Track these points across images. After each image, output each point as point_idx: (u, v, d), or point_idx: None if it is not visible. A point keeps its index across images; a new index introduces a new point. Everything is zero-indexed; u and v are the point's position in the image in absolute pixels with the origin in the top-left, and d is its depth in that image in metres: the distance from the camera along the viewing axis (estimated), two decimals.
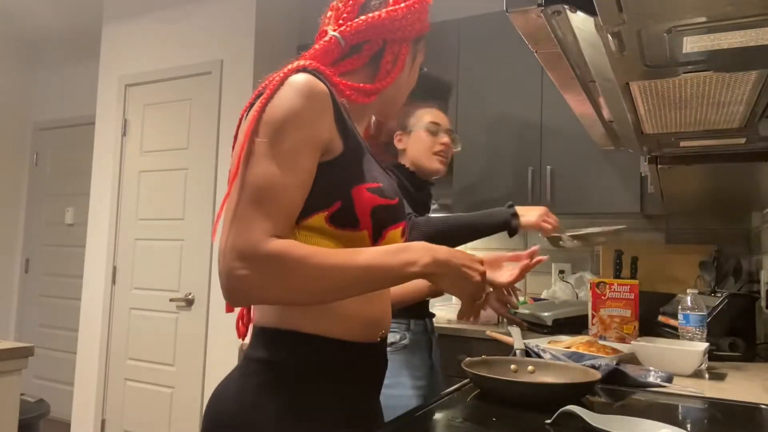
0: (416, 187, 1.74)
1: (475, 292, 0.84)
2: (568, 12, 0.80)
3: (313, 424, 0.81)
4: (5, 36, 4.36)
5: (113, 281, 3.37)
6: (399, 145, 1.77)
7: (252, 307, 0.94)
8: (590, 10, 0.77)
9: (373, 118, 1.14)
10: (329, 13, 0.97)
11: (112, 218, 3.41)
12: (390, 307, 0.98)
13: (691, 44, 0.82)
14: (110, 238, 3.40)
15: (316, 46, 0.92)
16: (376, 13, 0.92)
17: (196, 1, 3.21)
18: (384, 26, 0.92)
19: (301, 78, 0.81)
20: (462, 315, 0.91)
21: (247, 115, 0.84)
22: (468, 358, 1.16)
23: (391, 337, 1.61)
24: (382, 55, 0.94)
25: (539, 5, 0.80)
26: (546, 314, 2.24)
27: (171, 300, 3.11)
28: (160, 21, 3.35)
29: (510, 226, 1.57)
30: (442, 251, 0.82)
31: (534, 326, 2.25)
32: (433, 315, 1.79)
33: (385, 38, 0.94)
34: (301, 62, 0.85)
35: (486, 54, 2.64)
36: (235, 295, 0.75)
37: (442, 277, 0.82)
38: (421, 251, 0.80)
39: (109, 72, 3.53)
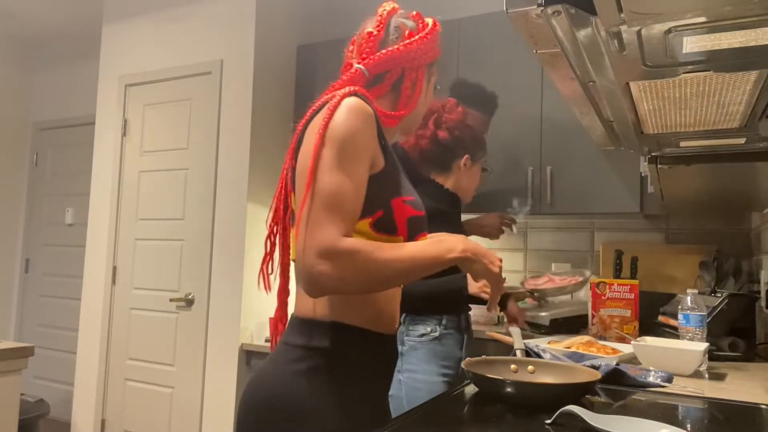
0: (453, 207, 1.88)
1: (500, 276, 1.00)
2: (568, 12, 0.80)
3: (354, 402, 0.95)
4: (5, 36, 4.36)
5: (113, 281, 3.37)
6: (461, 167, 1.85)
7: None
8: (590, 10, 0.77)
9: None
10: (351, 47, 1.12)
11: (112, 218, 3.41)
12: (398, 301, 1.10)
13: (691, 44, 0.82)
14: (110, 238, 3.40)
15: (344, 77, 1.06)
16: (395, 47, 1.07)
17: (196, 1, 3.21)
18: (402, 57, 1.08)
19: (355, 100, 0.95)
20: (491, 303, 1.06)
21: (303, 129, 0.98)
22: (468, 358, 1.17)
23: (423, 329, 1.73)
24: (402, 82, 1.09)
25: (539, 5, 0.80)
26: (543, 314, 2.24)
27: (171, 300, 3.11)
28: (160, 21, 3.35)
29: (463, 295, 1.72)
30: (468, 241, 0.97)
31: (532, 326, 2.25)
32: (469, 310, 1.87)
33: (403, 67, 1.08)
34: (352, 87, 0.98)
35: (486, 54, 2.64)
36: (317, 287, 0.87)
37: (473, 263, 0.96)
38: (456, 241, 0.96)
39: (109, 72, 3.53)
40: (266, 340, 2.92)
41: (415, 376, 1.67)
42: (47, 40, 4.48)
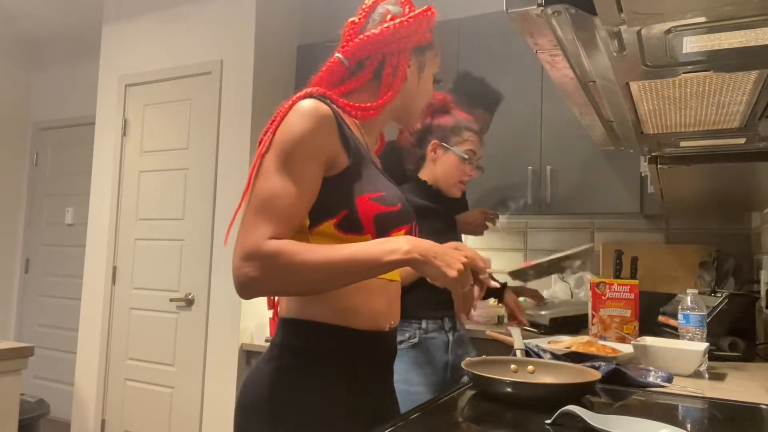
0: (439, 203, 1.75)
1: (458, 280, 0.87)
2: (568, 12, 0.80)
3: (333, 401, 0.94)
4: (5, 36, 4.36)
5: (113, 281, 3.37)
6: (431, 155, 1.74)
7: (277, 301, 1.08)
8: (590, 10, 0.77)
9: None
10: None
11: (112, 218, 3.41)
12: (398, 301, 1.07)
13: (691, 44, 0.82)
14: (110, 238, 3.40)
15: (322, 69, 1.04)
16: (373, 31, 1.04)
17: (196, 1, 3.21)
18: (379, 41, 1.03)
19: (306, 103, 0.93)
20: (457, 310, 0.91)
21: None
22: (468, 358, 1.16)
23: (400, 336, 1.62)
24: (383, 68, 1.05)
25: (539, 5, 0.80)
26: (543, 313, 2.24)
27: (171, 300, 3.11)
28: (160, 21, 3.34)
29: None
30: (421, 241, 0.89)
31: (531, 325, 2.25)
32: (453, 314, 1.74)
33: (383, 52, 1.04)
34: (308, 89, 0.97)
35: (486, 54, 2.64)
36: (243, 290, 0.86)
37: (424, 264, 0.87)
38: (402, 240, 0.88)
39: (109, 72, 3.53)
40: (266, 340, 2.93)
41: (398, 387, 1.50)
42: (47, 40, 4.48)
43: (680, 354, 1.41)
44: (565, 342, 1.65)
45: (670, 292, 2.20)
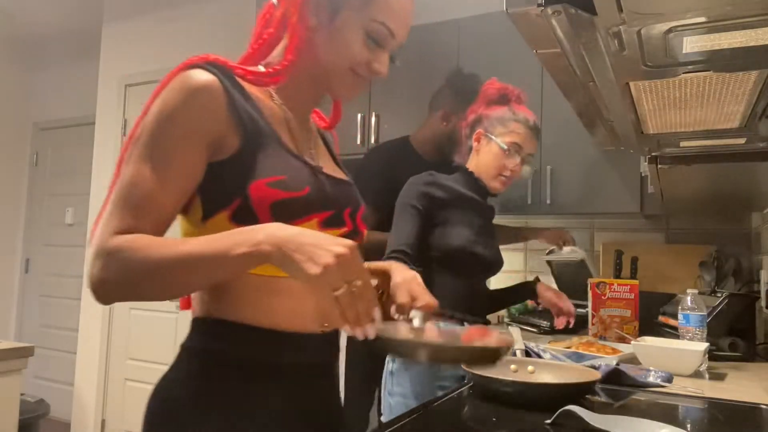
0: (479, 195, 1.69)
1: (323, 279, 0.66)
2: (568, 12, 0.80)
3: (227, 409, 0.80)
4: (5, 36, 4.36)
5: None
6: (474, 145, 1.69)
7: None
8: (590, 10, 0.77)
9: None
10: None
11: None
12: None
13: (691, 44, 0.82)
14: None
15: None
16: None
17: (196, 1, 3.21)
18: None
19: (185, 74, 0.79)
20: (334, 319, 0.68)
21: None
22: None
23: None
24: (286, 25, 0.87)
25: (539, 5, 0.80)
26: (576, 250, 2.26)
27: (171, 300, 3.10)
28: (160, 21, 3.34)
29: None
30: (284, 229, 0.70)
31: (531, 326, 2.25)
32: (488, 322, 1.70)
33: (286, 5, 0.87)
34: (195, 57, 0.83)
35: (486, 54, 2.63)
36: (94, 293, 0.74)
37: (283, 260, 0.68)
38: (255, 231, 0.71)
39: (109, 72, 3.53)
40: None
41: (407, 402, 1.42)
42: (47, 40, 4.47)
43: (680, 354, 1.41)
44: (565, 342, 1.65)
45: (670, 292, 2.20)
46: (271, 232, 0.70)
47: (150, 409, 0.83)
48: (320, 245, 0.67)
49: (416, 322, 0.89)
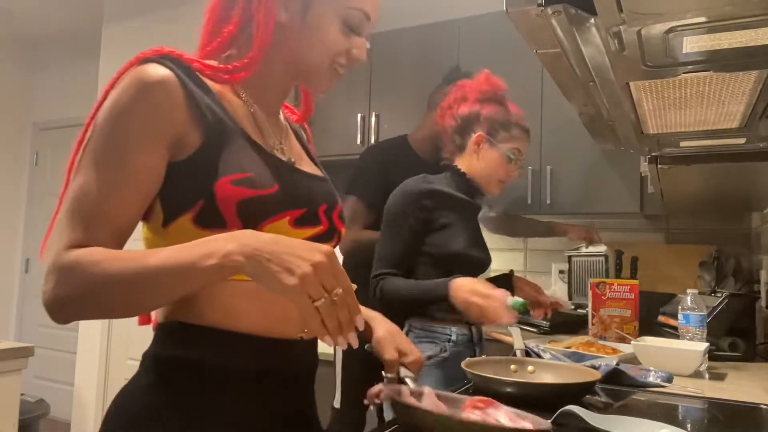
0: (473, 198, 1.65)
1: (300, 289, 0.61)
2: (568, 12, 0.80)
3: (195, 422, 0.74)
4: (5, 36, 4.36)
5: None
6: (473, 147, 1.61)
7: None
8: (590, 10, 0.77)
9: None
10: None
11: None
12: None
13: (691, 44, 0.82)
14: None
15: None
16: None
17: (196, 1, 3.21)
18: None
19: (137, 70, 0.73)
20: (312, 330, 0.63)
21: None
22: (468, 358, 1.16)
23: (430, 350, 1.47)
24: (251, 15, 0.81)
25: (539, 5, 0.80)
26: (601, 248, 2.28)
27: None
28: (160, 21, 3.34)
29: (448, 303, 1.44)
30: (257, 237, 0.65)
31: (531, 326, 2.25)
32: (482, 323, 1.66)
33: None
34: (148, 50, 0.76)
35: (486, 54, 2.63)
36: (50, 311, 0.68)
37: (256, 271, 0.63)
38: (225, 239, 0.65)
39: (109, 72, 3.51)
40: None
41: None
42: (47, 40, 4.47)
43: (680, 354, 1.41)
44: (565, 342, 1.65)
45: (670, 292, 2.20)
46: (242, 240, 0.64)
47: (107, 421, 0.77)
48: (296, 254, 0.63)
49: (410, 383, 0.87)
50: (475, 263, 1.60)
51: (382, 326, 0.96)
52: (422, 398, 0.79)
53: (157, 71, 0.73)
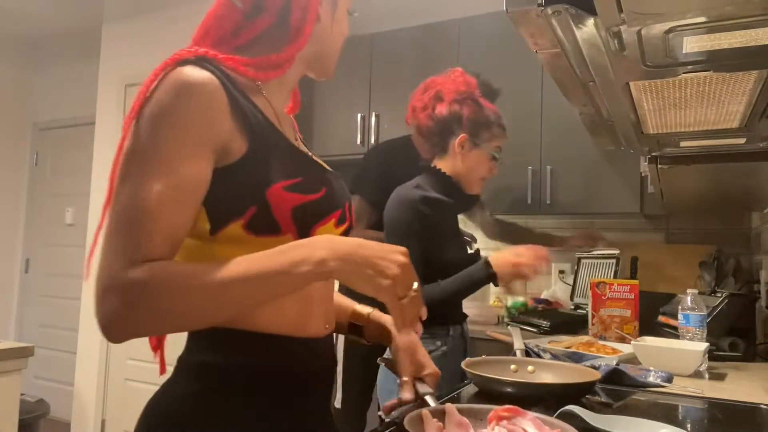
0: (455, 198, 1.65)
1: (394, 289, 0.68)
2: (568, 12, 0.80)
3: (232, 423, 0.75)
4: (5, 36, 4.36)
5: None
6: (456, 149, 1.61)
7: None
8: (590, 10, 0.77)
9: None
10: None
11: None
12: (332, 300, 0.90)
13: (691, 44, 0.82)
14: None
15: (207, 16, 0.87)
16: None
17: (196, 1, 3.21)
18: None
19: (178, 74, 0.71)
20: (397, 325, 0.71)
21: None
22: (468, 358, 1.16)
23: (430, 345, 1.50)
24: (290, 9, 0.82)
25: (539, 5, 0.80)
26: (614, 252, 2.28)
27: None
28: (160, 21, 3.34)
29: (493, 279, 1.49)
30: (344, 243, 0.69)
31: (531, 326, 2.25)
32: (467, 317, 1.70)
33: None
34: (185, 50, 0.75)
35: (486, 54, 2.64)
36: (108, 332, 0.66)
37: (349, 275, 0.67)
38: (315, 246, 0.68)
39: (109, 72, 3.53)
40: None
41: None
42: (47, 40, 4.47)
43: (680, 354, 1.41)
44: (565, 342, 1.65)
45: (670, 292, 2.20)
46: (332, 247, 0.68)
47: (146, 424, 0.78)
48: (385, 257, 0.68)
49: (430, 401, 0.88)
50: (459, 265, 1.59)
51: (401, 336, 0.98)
52: (445, 418, 0.79)
53: (200, 75, 0.71)
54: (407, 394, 0.92)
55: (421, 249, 1.51)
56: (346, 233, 0.86)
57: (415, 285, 0.70)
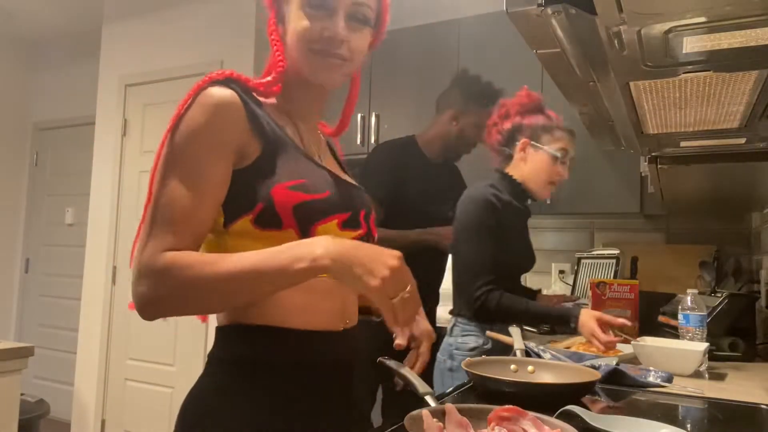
0: (519, 200, 1.76)
1: (382, 289, 0.72)
2: (568, 12, 0.80)
3: (264, 416, 0.83)
4: (5, 36, 4.36)
5: (113, 281, 3.37)
6: (520, 154, 1.73)
7: None
8: (590, 10, 0.77)
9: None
10: None
11: (112, 218, 3.40)
12: (354, 296, 0.96)
13: (691, 44, 0.82)
14: (110, 238, 3.40)
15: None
16: None
17: (196, 1, 3.21)
18: None
19: (207, 92, 0.84)
20: (389, 323, 0.75)
21: None
22: (468, 358, 1.16)
23: (474, 341, 1.65)
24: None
25: (539, 5, 0.80)
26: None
27: None
28: (160, 21, 3.34)
29: (569, 325, 1.60)
30: (340, 243, 0.75)
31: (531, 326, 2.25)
32: None
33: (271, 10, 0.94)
34: (213, 73, 0.87)
35: (486, 54, 2.63)
36: (142, 311, 0.77)
37: (342, 273, 0.73)
38: (313, 245, 0.75)
39: (109, 72, 3.53)
40: None
41: None
42: (47, 40, 4.47)
43: (680, 354, 1.41)
44: (565, 342, 1.65)
45: (670, 292, 2.20)
46: (329, 246, 0.74)
47: (183, 421, 0.86)
48: (377, 259, 0.73)
49: (431, 401, 0.90)
50: (525, 266, 1.79)
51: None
52: (445, 418, 0.80)
53: (223, 93, 0.84)
54: (400, 340, 0.96)
55: (492, 243, 1.62)
56: (363, 241, 0.89)
57: (409, 287, 0.73)
